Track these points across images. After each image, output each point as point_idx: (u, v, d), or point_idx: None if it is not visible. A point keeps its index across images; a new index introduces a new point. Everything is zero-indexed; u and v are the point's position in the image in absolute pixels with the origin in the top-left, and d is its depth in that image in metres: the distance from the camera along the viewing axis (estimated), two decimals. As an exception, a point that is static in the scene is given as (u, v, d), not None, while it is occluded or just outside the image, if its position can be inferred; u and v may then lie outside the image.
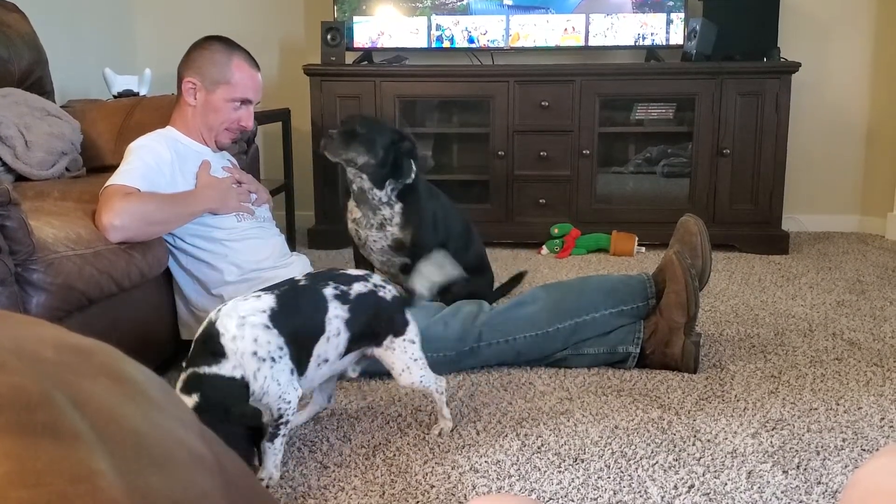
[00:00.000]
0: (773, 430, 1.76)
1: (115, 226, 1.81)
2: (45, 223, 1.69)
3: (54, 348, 0.42)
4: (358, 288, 1.60)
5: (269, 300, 1.50)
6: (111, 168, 2.65)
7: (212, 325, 1.45)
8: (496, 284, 2.82)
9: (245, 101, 2.11)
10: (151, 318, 2.03)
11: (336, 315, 1.56)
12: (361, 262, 2.60)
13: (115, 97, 3.27)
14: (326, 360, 1.57)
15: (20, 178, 2.38)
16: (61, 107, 2.75)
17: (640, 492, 1.50)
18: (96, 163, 2.68)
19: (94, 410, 0.38)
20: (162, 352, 2.12)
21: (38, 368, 0.39)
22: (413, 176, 2.42)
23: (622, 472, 1.57)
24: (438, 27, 3.79)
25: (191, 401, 1.39)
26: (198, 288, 2.07)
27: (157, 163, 1.98)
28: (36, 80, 2.77)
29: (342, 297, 1.57)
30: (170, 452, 0.41)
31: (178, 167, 2.02)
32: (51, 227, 1.69)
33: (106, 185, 1.91)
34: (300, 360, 1.52)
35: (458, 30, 3.79)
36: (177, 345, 2.17)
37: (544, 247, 3.58)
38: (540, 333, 2.10)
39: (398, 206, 2.37)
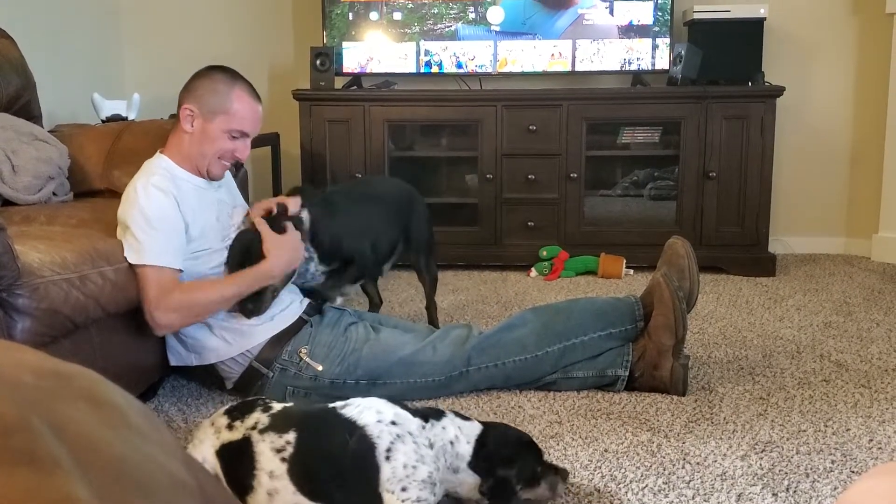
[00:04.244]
0: (762, 452, 1.76)
1: (167, 325, 1.94)
2: (30, 248, 1.68)
3: (33, 373, 0.42)
4: None
5: None
6: (99, 193, 2.66)
7: None
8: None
9: (242, 134, 2.07)
10: (139, 344, 2.01)
11: None
12: None
13: (103, 122, 3.27)
14: None
15: (7, 202, 2.37)
16: (49, 131, 2.75)
17: (629, 516, 1.49)
18: (84, 187, 2.67)
19: (74, 436, 0.38)
20: (149, 377, 2.11)
21: (16, 394, 0.38)
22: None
23: (612, 496, 1.57)
24: (427, 52, 3.82)
25: None
26: None
27: (173, 227, 1.96)
28: (24, 105, 2.77)
29: None
30: (151, 478, 0.40)
31: (184, 210, 1.98)
32: (36, 251, 1.68)
33: (141, 262, 1.90)
34: None
35: (447, 55, 3.82)
36: (164, 370, 2.15)
37: (533, 269, 3.59)
38: (529, 357, 2.10)
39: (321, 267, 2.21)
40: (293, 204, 2.17)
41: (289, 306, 2.13)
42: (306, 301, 2.20)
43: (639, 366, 2.11)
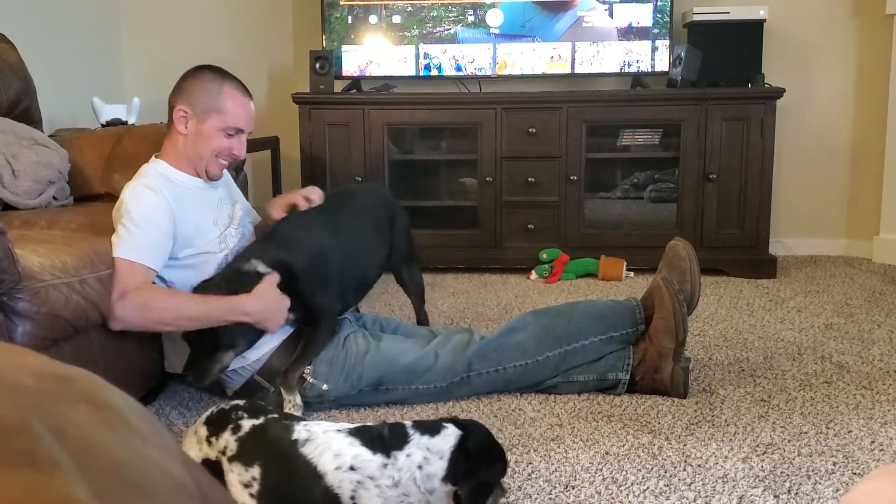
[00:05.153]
0: (763, 454, 1.76)
1: (121, 318, 1.84)
2: (31, 251, 1.68)
3: (34, 376, 0.42)
4: None
5: None
6: (99, 197, 2.66)
7: None
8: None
9: (237, 131, 2.06)
10: (137, 349, 2.01)
11: None
12: None
13: (103, 126, 3.27)
14: None
15: (7, 207, 2.37)
16: (49, 136, 2.75)
17: (631, 518, 1.49)
18: (84, 191, 2.68)
19: (74, 438, 0.38)
20: (147, 382, 2.10)
21: (16, 396, 0.38)
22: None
23: (613, 499, 1.56)
24: (426, 56, 3.83)
25: None
26: None
27: (157, 227, 1.93)
28: (24, 110, 2.77)
29: None
30: (151, 480, 0.40)
31: (175, 212, 1.97)
32: (37, 255, 1.68)
33: (117, 255, 1.87)
34: None
35: (446, 58, 3.82)
36: (162, 376, 2.15)
37: (533, 272, 3.59)
38: (530, 362, 2.09)
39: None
40: (314, 193, 2.18)
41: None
42: None
43: (639, 369, 2.11)
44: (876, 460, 1.73)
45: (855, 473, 1.66)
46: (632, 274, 3.57)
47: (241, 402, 1.55)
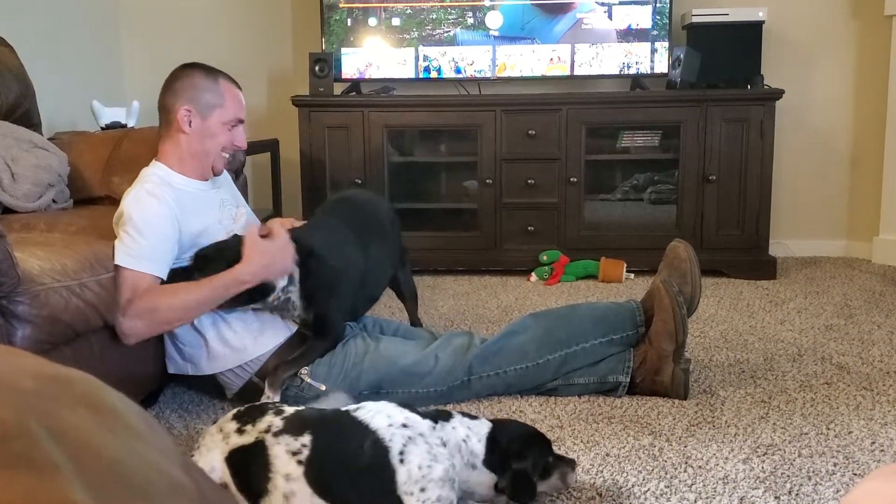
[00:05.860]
0: (764, 455, 1.75)
1: (130, 331, 1.85)
2: (30, 255, 1.68)
3: (33, 378, 0.42)
4: None
5: None
6: (98, 200, 2.66)
7: None
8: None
9: (238, 122, 2.10)
10: (138, 351, 2.00)
11: None
12: None
13: (102, 129, 3.27)
14: None
15: (6, 210, 2.37)
16: (49, 139, 2.75)
17: (632, 520, 1.49)
18: (83, 194, 2.68)
19: (73, 440, 0.38)
20: (147, 386, 2.10)
21: (15, 399, 0.38)
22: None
23: (614, 500, 1.56)
24: (426, 58, 3.83)
25: None
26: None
27: (162, 234, 1.93)
28: (23, 113, 2.77)
29: None
30: (150, 482, 0.40)
31: (179, 216, 1.96)
32: (36, 258, 1.68)
33: (122, 265, 1.87)
34: None
35: (445, 60, 3.82)
36: (165, 378, 2.15)
37: (533, 274, 3.59)
38: (530, 366, 2.09)
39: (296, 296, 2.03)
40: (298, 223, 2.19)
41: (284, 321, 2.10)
42: None
43: (640, 371, 2.10)
44: (876, 461, 1.73)
45: (855, 474, 1.66)
46: (632, 276, 3.57)
47: (270, 402, 1.61)
